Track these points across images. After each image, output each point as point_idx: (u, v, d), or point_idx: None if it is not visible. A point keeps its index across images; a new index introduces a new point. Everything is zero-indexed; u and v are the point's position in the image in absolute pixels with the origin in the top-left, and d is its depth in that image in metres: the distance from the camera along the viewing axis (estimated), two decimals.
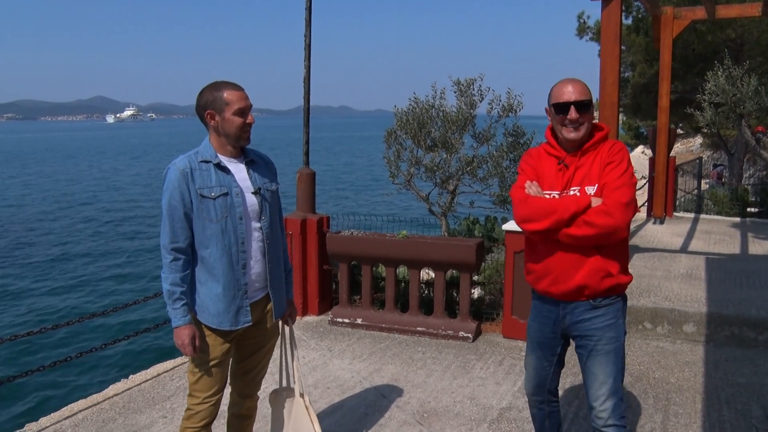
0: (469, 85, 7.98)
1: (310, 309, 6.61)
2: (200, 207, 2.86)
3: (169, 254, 2.85)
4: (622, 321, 2.95)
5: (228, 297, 2.93)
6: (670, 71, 10.54)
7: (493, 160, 8.06)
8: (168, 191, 2.85)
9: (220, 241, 2.88)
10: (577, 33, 18.73)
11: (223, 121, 2.87)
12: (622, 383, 2.96)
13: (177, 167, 2.85)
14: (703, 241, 9.37)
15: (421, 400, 4.56)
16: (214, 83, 2.92)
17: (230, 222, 2.89)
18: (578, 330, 2.98)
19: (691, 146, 39.67)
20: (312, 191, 6.58)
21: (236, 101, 2.86)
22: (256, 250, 3.00)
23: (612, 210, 2.75)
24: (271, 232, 3.06)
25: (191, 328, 2.88)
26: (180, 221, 2.85)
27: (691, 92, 15.95)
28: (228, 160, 2.96)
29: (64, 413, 4.46)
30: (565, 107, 2.87)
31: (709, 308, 5.77)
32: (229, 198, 2.89)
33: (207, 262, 2.91)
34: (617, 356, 2.93)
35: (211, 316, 2.94)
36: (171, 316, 2.88)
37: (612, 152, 2.85)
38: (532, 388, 3.25)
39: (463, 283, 5.93)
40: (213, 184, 2.87)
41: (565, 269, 2.91)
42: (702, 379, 4.85)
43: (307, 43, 6.23)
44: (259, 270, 3.03)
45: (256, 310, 3.06)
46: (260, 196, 2.99)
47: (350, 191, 41.81)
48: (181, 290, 2.86)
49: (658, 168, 10.82)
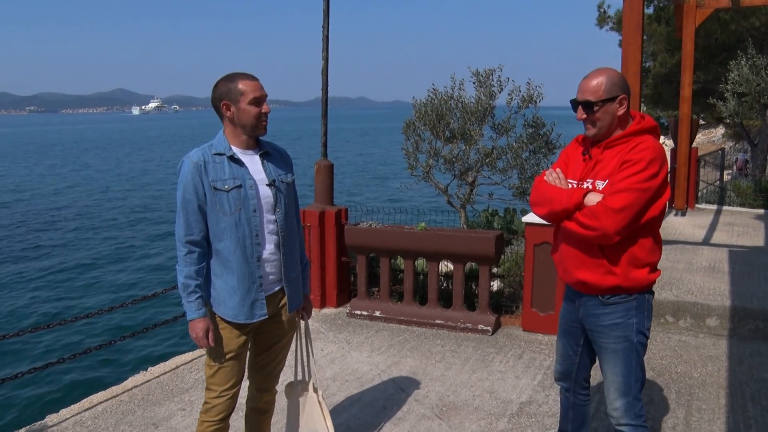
0: (488, 75, 7.90)
1: (328, 301, 6.60)
2: (213, 200, 2.84)
3: (184, 247, 2.85)
4: (636, 321, 2.86)
5: (243, 289, 2.92)
6: (692, 61, 10.37)
7: (513, 152, 7.98)
8: (182, 184, 2.85)
9: (234, 233, 2.87)
10: (598, 23, 18.54)
11: (239, 111, 2.85)
12: (637, 383, 2.90)
13: (191, 160, 2.85)
14: (726, 233, 9.23)
15: (439, 394, 4.53)
16: (229, 74, 2.91)
17: (244, 214, 2.88)
18: (589, 324, 2.98)
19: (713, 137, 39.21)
20: (330, 183, 6.55)
21: (251, 91, 2.84)
22: (270, 243, 2.98)
23: (599, 214, 2.70)
24: (286, 224, 3.04)
25: (206, 321, 2.88)
26: (194, 214, 2.84)
27: (713, 82, 15.71)
28: (242, 152, 2.95)
29: (84, 405, 4.48)
30: (575, 104, 2.86)
31: (733, 302, 5.67)
32: (243, 190, 2.87)
33: (221, 255, 2.90)
34: (627, 356, 2.88)
35: (226, 309, 2.93)
36: (186, 309, 2.87)
37: (634, 151, 2.74)
38: (559, 374, 3.27)
39: (483, 276, 5.88)
40: (226, 176, 2.86)
41: (572, 261, 2.92)
42: (726, 374, 4.77)
43: (325, 35, 6.19)
44: (274, 262, 3.01)
45: (272, 303, 3.04)
46: (275, 188, 2.97)
47: (368, 183, 41.79)
48: (196, 283, 2.85)
49: (680, 159, 10.67)
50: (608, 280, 2.82)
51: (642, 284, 2.83)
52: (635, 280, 2.82)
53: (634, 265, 2.81)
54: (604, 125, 2.82)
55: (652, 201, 2.73)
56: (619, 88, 2.79)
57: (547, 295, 5.60)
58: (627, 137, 2.80)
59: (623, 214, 2.66)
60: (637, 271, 2.82)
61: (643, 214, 2.72)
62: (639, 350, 2.90)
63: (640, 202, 2.68)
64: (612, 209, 2.67)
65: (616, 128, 2.84)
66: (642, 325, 2.89)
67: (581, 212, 2.76)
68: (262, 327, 3.07)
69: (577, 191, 2.80)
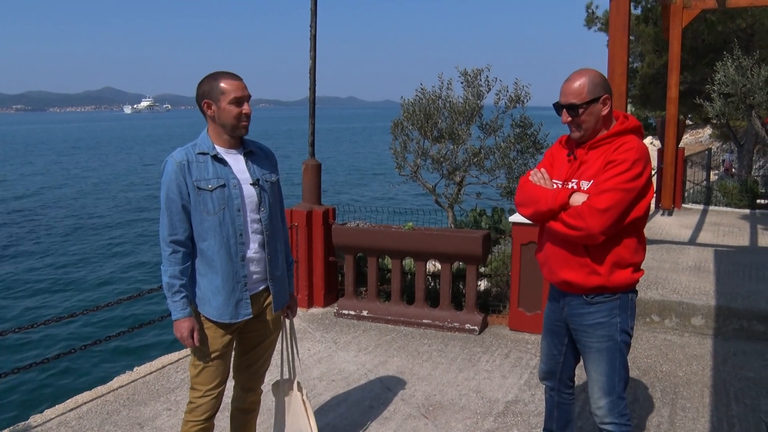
0: (476, 75, 7.92)
1: (315, 301, 6.59)
2: (197, 199, 2.84)
3: (168, 247, 2.85)
4: (619, 320, 2.88)
5: (227, 289, 2.91)
6: (679, 62, 10.43)
7: (501, 151, 8.01)
8: (165, 184, 2.84)
9: (218, 233, 2.86)
10: (586, 23, 18.60)
11: (219, 110, 2.85)
12: (621, 382, 2.92)
13: (174, 160, 2.84)
14: (712, 233, 9.30)
15: (426, 393, 4.54)
16: (213, 73, 2.90)
17: (228, 214, 2.87)
18: (573, 324, 3.00)
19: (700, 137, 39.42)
20: (318, 182, 6.54)
21: (233, 90, 2.83)
22: (255, 242, 2.97)
23: (584, 214, 2.71)
24: (271, 223, 3.02)
25: (191, 320, 2.87)
26: (178, 214, 2.84)
27: (700, 83, 15.80)
28: (226, 151, 2.93)
29: (69, 405, 4.45)
30: (558, 107, 2.86)
31: (718, 301, 5.71)
32: (227, 190, 2.87)
33: (206, 255, 2.89)
34: (610, 355, 2.89)
35: (211, 309, 2.92)
36: (171, 308, 2.87)
37: (618, 151, 2.76)
38: (543, 374, 3.28)
39: (470, 276, 5.89)
40: (210, 176, 2.85)
41: (556, 261, 2.93)
42: (710, 373, 4.80)
43: (313, 34, 6.18)
44: (258, 262, 3.00)
45: (257, 303, 3.03)
46: (259, 188, 2.96)
47: (357, 182, 41.76)
48: (181, 283, 2.85)
49: (666, 159, 10.74)
50: (592, 280, 2.83)
51: (626, 284, 2.85)
52: (619, 280, 2.83)
53: (618, 265, 2.82)
54: (590, 127, 2.83)
55: (637, 201, 2.74)
56: (601, 88, 2.80)
57: (534, 294, 5.62)
58: (611, 138, 2.82)
59: (608, 214, 2.68)
60: (621, 271, 2.83)
61: (627, 214, 2.73)
62: (623, 349, 2.91)
63: (624, 202, 2.69)
64: (597, 209, 2.68)
65: (601, 128, 2.86)
66: (626, 324, 2.90)
67: (566, 212, 2.77)
68: (247, 326, 3.07)
69: (562, 191, 2.81)
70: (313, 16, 6.13)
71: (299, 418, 3.33)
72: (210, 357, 2.96)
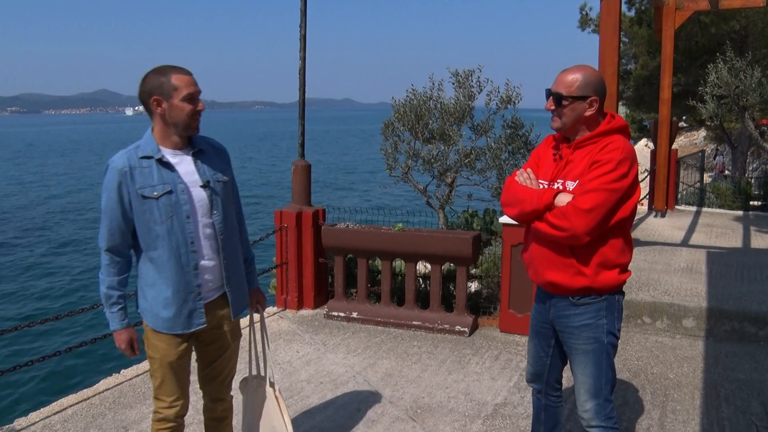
0: (467, 76, 7.88)
1: (305, 302, 6.54)
2: (142, 208, 2.66)
3: (106, 256, 2.72)
4: (606, 322, 2.84)
5: (178, 300, 2.75)
6: (672, 63, 10.42)
7: (492, 152, 7.97)
8: (106, 192, 2.67)
9: (167, 242, 2.69)
10: (579, 25, 18.59)
11: (171, 108, 2.65)
12: (608, 384, 2.88)
13: (115, 166, 2.65)
14: (705, 235, 9.28)
15: (414, 396, 4.49)
16: (158, 67, 2.70)
17: (177, 222, 2.69)
18: (559, 325, 2.96)
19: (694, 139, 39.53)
20: (307, 183, 6.50)
21: (185, 86, 2.65)
22: (208, 249, 2.79)
23: (569, 215, 2.67)
24: (225, 227, 2.85)
25: (129, 331, 2.78)
26: (118, 223, 2.69)
27: (694, 85, 15.80)
28: (172, 152, 2.74)
29: (54, 408, 4.40)
30: (547, 93, 2.84)
31: (710, 303, 5.68)
32: (174, 196, 2.68)
33: (155, 265, 2.73)
34: (597, 357, 2.85)
35: (161, 321, 2.77)
36: (109, 319, 2.74)
37: (604, 151, 2.71)
38: (530, 376, 3.24)
39: (460, 277, 5.85)
40: (155, 182, 2.66)
41: (542, 261, 2.89)
42: (701, 375, 4.77)
43: (303, 34, 6.14)
44: (213, 269, 2.83)
45: (213, 311, 2.87)
46: (210, 190, 2.77)
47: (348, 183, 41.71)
48: (119, 293, 2.74)
49: (659, 161, 10.72)
50: (578, 281, 2.79)
51: (612, 285, 2.81)
52: (605, 281, 2.79)
53: (604, 266, 2.78)
54: (568, 122, 2.80)
55: (622, 201, 2.70)
56: (592, 88, 2.75)
57: (524, 296, 5.58)
58: (597, 137, 2.78)
59: (593, 214, 2.64)
60: (608, 272, 2.79)
61: (613, 215, 2.70)
62: (609, 351, 2.87)
63: (609, 202, 2.66)
64: (581, 209, 2.64)
65: (582, 128, 2.82)
66: (612, 326, 2.87)
67: (551, 213, 2.73)
68: (205, 338, 2.93)
69: (548, 192, 2.77)
70: (303, 16, 6.09)
71: (272, 415, 3.24)
72: (167, 369, 2.83)
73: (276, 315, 6.36)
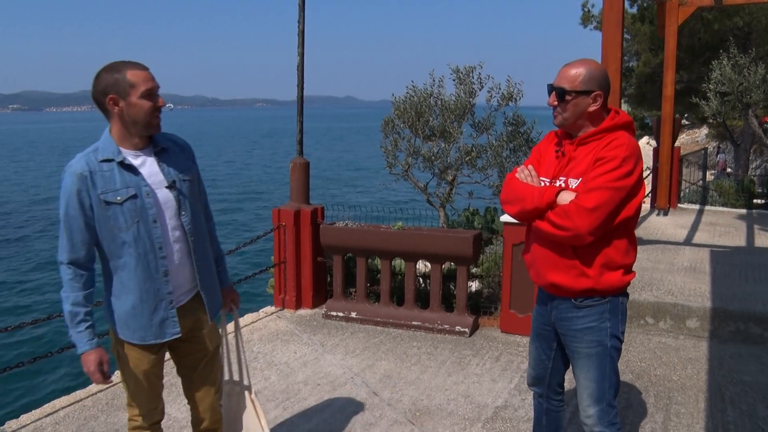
0: (468, 72, 7.79)
1: (304, 302, 6.46)
2: (105, 215, 2.50)
3: (69, 269, 2.53)
4: (609, 324, 2.75)
5: (148, 310, 2.60)
6: (675, 60, 10.31)
7: (493, 150, 7.88)
8: (64, 199, 2.49)
9: (134, 249, 2.53)
10: (582, 22, 18.51)
11: (129, 106, 2.47)
12: (612, 389, 2.79)
13: (73, 171, 2.47)
14: (708, 233, 9.19)
15: (413, 398, 4.41)
16: (112, 64, 2.52)
17: (143, 227, 2.53)
18: (561, 328, 2.87)
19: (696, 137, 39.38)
20: (306, 181, 6.41)
21: (143, 82, 2.47)
22: (178, 252, 2.64)
23: (572, 213, 2.58)
24: (195, 227, 2.70)
25: (98, 352, 2.55)
26: (80, 232, 2.51)
27: (696, 82, 15.72)
28: (134, 153, 2.57)
29: (46, 410, 4.32)
30: (550, 88, 2.74)
31: (714, 303, 5.59)
32: (139, 200, 2.52)
33: (122, 274, 2.57)
34: (600, 361, 2.76)
35: (131, 332, 2.61)
36: (75, 341, 2.53)
37: (608, 147, 2.62)
38: (531, 379, 3.16)
39: (460, 277, 5.76)
40: (118, 186, 2.50)
41: (543, 262, 2.80)
42: (705, 377, 4.68)
43: (301, 29, 6.05)
44: (184, 273, 2.69)
45: (187, 316, 2.73)
46: (176, 191, 2.62)
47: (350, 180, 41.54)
48: (86, 311, 2.53)
49: (662, 158, 10.63)
50: (581, 283, 2.70)
51: (616, 287, 2.72)
52: (609, 283, 2.70)
53: (607, 267, 2.69)
54: (571, 117, 2.71)
55: (627, 200, 2.61)
56: (596, 83, 2.66)
57: (526, 295, 5.50)
58: (601, 134, 2.68)
59: (596, 213, 2.55)
60: (611, 273, 2.70)
61: (617, 214, 2.61)
62: (613, 355, 2.79)
63: (613, 201, 2.56)
64: (585, 208, 2.55)
65: (585, 124, 2.72)
66: (616, 329, 2.78)
67: (553, 211, 2.64)
68: (182, 344, 2.79)
69: (549, 189, 2.68)
70: (301, 11, 6.00)
71: (249, 421, 3.13)
72: (141, 381, 2.70)
73: (274, 315, 6.28)
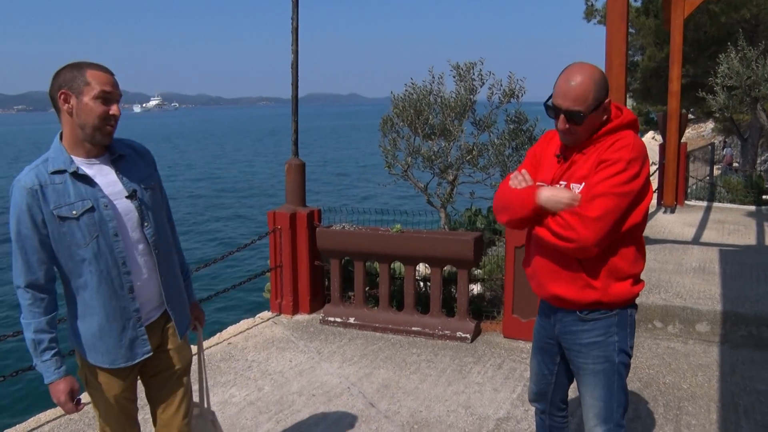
0: (468, 69, 7.59)
1: (301, 307, 6.28)
2: (61, 231, 2.30)
3: (27, 294, 2.33)
4: (617, 339, 2.56)
5: (116, 330, 2.42)
6: (681, 54, 10.07)
7: (495, 148, 7.68)
8: (15, 216, 2.29)
9: (95, 266, 2.34)
10: (585, 16, 18.28)
11: (80, 105, 2.29)
12: (620, 408, 2.60)
13: (22, 186, 2.28)
14: (717, 232, 8.96)
15: (411, 409, 4.23)
16: (76, 62, 2.36)
17: (103, 241, 2.34)
18: (566, 342, 2.68)
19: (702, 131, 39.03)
20: (302, 183, 6.23)
21: (99, 83, 2.29)
22: (143, 266, 2.47)
23: (575, 224, 2.38)
24: (159, 239, 2.52)
25: (68, 381, 2.37)
26: (35, 253, 2.31)
27: (703, 76, 15.47)
28: (87, 162, 2.37)
29: (30, 424, 4.17)
30: (556, 111, 2.46)
31: (724, 306, 5.38)
32: (97, 213, 2.33)
33: (83, 294, 2.38)
34: (608, 378, 2.57)
35: (100, 355, 2.43)
36: (41, 370, 2.36)
37: (612, 148, 2.40)
38: (533, 395, 2.96)
39: (461, 280, 5.57)
40: (72, 199, 2.30)
41: (545, 274, 2.60)
42: (717, 385, 4.47)
43: (294, 26, 5.86)
44: (151, 288, 2.51)
45: (155, 334, 2.57)
46: (137, 200, 2.44)
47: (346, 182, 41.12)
48: (50, 337, 2.34)
49: (668, 154, 10.39)
50: (587, 295, 2.51)
51: (624, 298, 2.53)
52: (617, 294, 2.51)
53: (615, 278, 2.50)
54: (586, 134, 2.47)
55: (634, 205, 2.42)
56: (604, 89, 2.42)
57: (529, 300, 5.29)
58: (604, 134, 2.48)
59: (602, 222, 2.35)
60: (619, 284, 2.51)
61: (624, 221, 2.41)
62: (621, 371, 2.60)
63: (620, 208, 2.37)
64: (589, 218, 2.35)
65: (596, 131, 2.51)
66: (624, 344, 2.58)
67: (555, 221, 2.43)
68: (150, 365, 2.61)
69: (528, 191, 2.47)
70: (295, 7, 5.81)
71: None
72: (112, 402, 2.52)
73: (270, 321, 6.10)
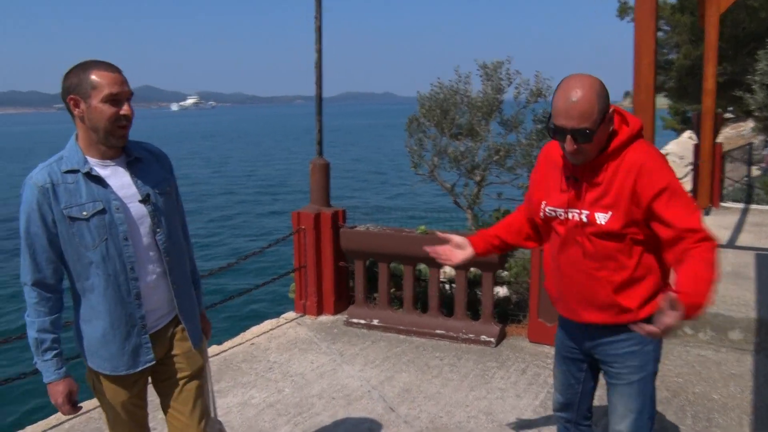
0: (495, 68, 7.47)
1: (325, 308, 6.24)
2: (70, 231, 2.27)
3: (34, 292, 2.31)
4: (653, 347, 2.48)
5: (120, 336, 2.37)
6: (716, 51, 9.81)
7: (522, 149, 7.55)
8: (25, 214, 2.27)
9: (102, 270, 2.30)
10: (618, 14, 17.98)
11: (90, 109, 2.25)
12: (650, 420, 2.51)
13: (34, 183, 2.25)
14: (753, 235, 8.71)
15: (432, 415, 4.16)
16: (82, 62, 2.31)
17: (113, 245, 2.30)
18: (598, 353, 2.58)
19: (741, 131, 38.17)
20: (326, 183, 6.19)
21: (107, 85, 2.24)
22: (152, 273, 2.41)
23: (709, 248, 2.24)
24: (172, 245, 2.46)
25: (67, 382, 2.34)
26: (44, 252, 2.28)
27: (741, 74, 15.09)
28: (102, 163, 2.34)
29: (51, 422, 4.19)
30: (561, 132, 2.30)
31: (759, 313, 5.20)
32: (108, 215, 2.29)
33: (89, 297, 2.34)
34: (642, 389, 2.48)
35: (102, 361, 2.39)
36: (41, 369, 2.33)
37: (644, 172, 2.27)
38: (559, 405, 2.86)
39: (486, 283, 5.47)
40: (84, 200, 2.26)
41: (577, 302, 2.49)
42: (750, 396, 4.31)
43: (318, 26, 5.82)
44: (159, 296, 2.45)
45: (162, 342, 2.50)
46: (151, 205, 2.39)
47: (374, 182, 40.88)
48: (53, 337, 2.31)
49: (703, 155, 10.15)
50: (622, 318, 2.43)
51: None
52: (651, 311, 2.39)
53: (650, 299, 2.41)
54: (595, 150, 2.33)
55: None
56: (607, 99, 2.28)
57: None
58: (621, 149, 2.33)
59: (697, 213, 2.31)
60: (653, 301, 2.39)
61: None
62: (653, 381, 2.53)
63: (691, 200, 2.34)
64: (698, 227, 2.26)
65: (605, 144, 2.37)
66: (658, 352, 2.53)
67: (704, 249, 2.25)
68: (160, 371, 2.55)
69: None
70: (318, 6, 5.76)
71: None
72: (119, 409, 2.49)
73: (294, 321, 6.08)
